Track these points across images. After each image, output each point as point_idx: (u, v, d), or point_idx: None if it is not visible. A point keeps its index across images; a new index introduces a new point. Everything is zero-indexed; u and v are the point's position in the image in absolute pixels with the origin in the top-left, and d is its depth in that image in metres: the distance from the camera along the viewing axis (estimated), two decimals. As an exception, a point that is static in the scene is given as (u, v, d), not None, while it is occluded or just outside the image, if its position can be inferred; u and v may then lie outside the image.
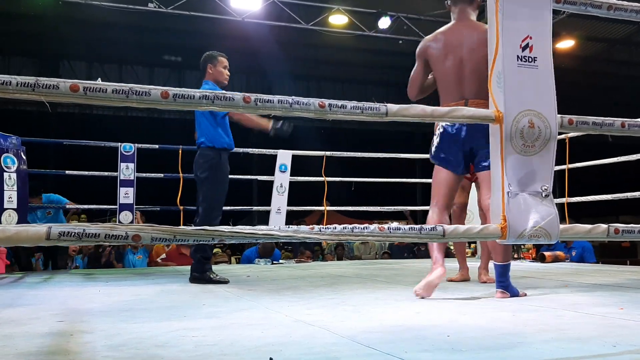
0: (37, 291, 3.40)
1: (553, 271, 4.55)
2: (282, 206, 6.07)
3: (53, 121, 14.43)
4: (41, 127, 12.31)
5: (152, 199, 6.21)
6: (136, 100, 1.23)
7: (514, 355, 1.50)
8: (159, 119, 15.75)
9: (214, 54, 4.00)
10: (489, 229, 1.55)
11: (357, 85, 15.32)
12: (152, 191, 6.92)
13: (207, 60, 3.95)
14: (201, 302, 2.74)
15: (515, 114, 1.62)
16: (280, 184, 6.15)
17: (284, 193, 6.14)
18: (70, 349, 1.64)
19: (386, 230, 1.40)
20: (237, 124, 4.03)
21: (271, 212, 6.07)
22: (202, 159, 3.89)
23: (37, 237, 1.13)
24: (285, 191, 6.15)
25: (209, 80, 3.90)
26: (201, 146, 3.89)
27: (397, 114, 1.46)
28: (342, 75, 14.84)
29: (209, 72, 3.92)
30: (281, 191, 6.13)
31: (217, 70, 3.92)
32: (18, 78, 1.16)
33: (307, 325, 1.97)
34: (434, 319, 2.09)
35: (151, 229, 1.19)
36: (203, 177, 3.87)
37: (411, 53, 3.36)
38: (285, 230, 1.33)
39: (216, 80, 3.88)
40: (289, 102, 1.36)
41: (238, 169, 7.81)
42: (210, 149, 3.85)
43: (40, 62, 13.36)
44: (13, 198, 4.92)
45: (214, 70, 3.90)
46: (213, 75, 3.91)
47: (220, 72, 3.92)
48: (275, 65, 13.28)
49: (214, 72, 3.91)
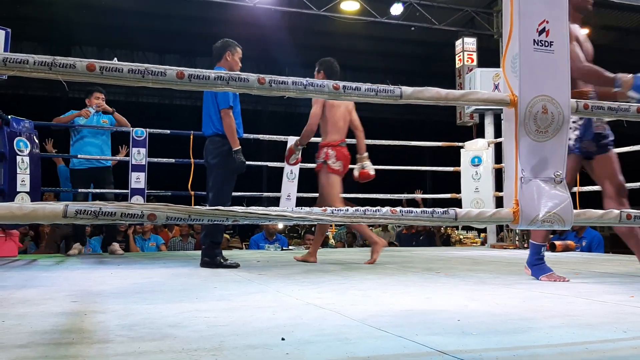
0: (49, 273, 3.43)
1: (563, 260, 4.54)
2: (292, 193, 6.08)
3: (64, 106, 14.50)
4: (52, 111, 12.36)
5: (163, 184, 6.25)
6: (152, 80, 1.24)
7: (524, 339, 1.50)
8: (170, 105, 15.80)
9: (233, 42, 4.01)
10: (501, 213, 1.55)
11: (368, 74, 15.25)
12: (163, 176, 6.97)
13: (226, 47, 3.96)
14: (212, 285, 2.76)
15: (530, 99, 1.61)
16: (290, 170, 6.15)
17: (294, 180, 6.15)
18: (85, 327, 1.66)
19: (398, 212, 1.41)
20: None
21: (281, 199, 6.09)
22: (212, 145, 3.94)
23: (54, 215, 1.14)
24: (296, 178, 6.16)
25: (224, 67, 3.90)
26: (211, 133, 3.93)
27: (411, 96, 1.46)
28: (353, 62, 14.77)
29: (225, 59, 3.94)
30: (291, 177, 6.14)
31: (234, 60, 3.95)
32: (35, 57, 1.17)
33: (318, 308, 1.98)
34: (444, 304, 2.09)
35: (167, 209, 1.20)
36: (213, 163, 3.92)
37: (423, 41, 3.35)
38: (298, 211, 1.34)
39: (230, 68, 3.88)
40: (303, 84, 1.36)
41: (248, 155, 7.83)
42: (220, 135, 3.88)
43: (52, 47, 13.40)
44: (26, 181, 4.96)
45: (231, 58, 3.93)
46: (229, 64, 3.92)
47: (236, 62, 3.95)
48: (285, 53, 13.26)
49: (231, 61, 3.93)
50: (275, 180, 7.38)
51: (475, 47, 10.83)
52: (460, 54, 10.82)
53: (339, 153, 4.20)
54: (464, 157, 6.82)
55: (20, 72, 1.18)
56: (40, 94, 15.06)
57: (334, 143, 4.22)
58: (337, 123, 4.22)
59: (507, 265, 4.01)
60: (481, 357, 1.26)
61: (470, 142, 7.01)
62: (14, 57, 1.16)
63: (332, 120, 4.21)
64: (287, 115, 17.82)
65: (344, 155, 4.23)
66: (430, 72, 15.00)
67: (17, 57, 1.16)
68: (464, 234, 12.82)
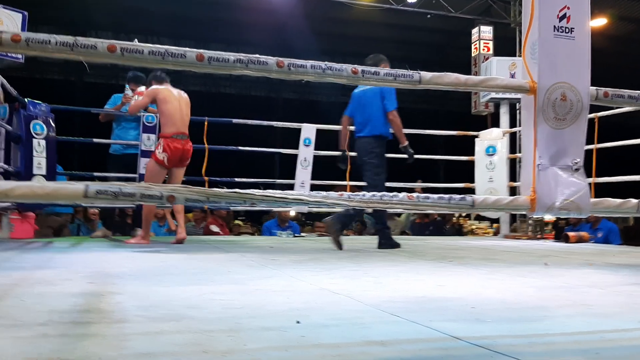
0: (66, 255, 3.48)
1: (577, 251, 4.52)
2: (306, 180, 6.10)
3: (79, 90, 14.59)
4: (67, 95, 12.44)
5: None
6: (172, 62, 1.25)
7: (538, 327, 1.50)
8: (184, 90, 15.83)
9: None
10: (518, 201, 1.55)
11: (383, 61, 15.17)
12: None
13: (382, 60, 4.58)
14: (226, 269, 2.79)
15: (549, 86, 1.60)
16: (304, 157, 6.16)
17: (307, 167, 6.15)
18: (103, 308, 1.68)
19: (415, 198, 1.41)
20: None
21: (295, 186, 6.10)
22: (369, 145, 4.50)
23: (75, 195, 1.16)
24: (310, 165, 6.17)
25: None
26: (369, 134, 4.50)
27: (430, 81, 1.45)
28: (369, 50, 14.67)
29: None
30: (305, 165, 6.15)
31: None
32: (57, 37, 1.18)
33: (332, 294, 2.00)
34: (458, 292, 2.10)
35: (186, 190, 1.22)
36: (371, 161, 4.47)
37: (439, 29, 3.34)
38: (314, 195, 1.35)
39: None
40: (322, 68, 1.36)
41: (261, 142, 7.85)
42: (376, 137, 4.49)
43: (68, 31, 13.45)
44: (42, 164, 5.01)
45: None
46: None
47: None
48: (301, 40, 13.22)
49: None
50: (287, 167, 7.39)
51: (492, 36, 10.74)
52: (476, 43, 10.73)
53: (168, 145, 4.54)
54: (479, 146, 6.78)
55: (43, 52, 1.19)
56: (56, 78, 15.16)
57: (166, 135, 4.57)
58: (172, 117, 4.58)
59: (521, 256, 4.00)
60: (496, 344, 1.26)
61: (485, 132, 6.97)
62: (36, 38, 1.17)
63: (166, 115, 4.59)
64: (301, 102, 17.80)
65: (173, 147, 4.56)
66: (445, 60, 14.89)
67: (39, 38, 1.17)
68: (476, 224, 12.77)
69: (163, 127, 4.66)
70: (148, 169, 4.65)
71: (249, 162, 14.28)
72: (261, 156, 9.28)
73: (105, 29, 13.79)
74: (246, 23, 12.03)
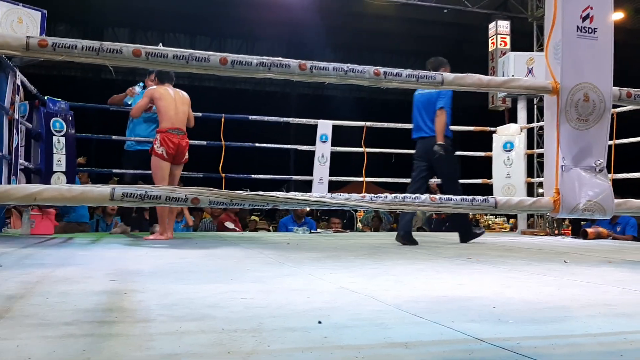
0: (86, 252, 3.52)
1: (596, 248, 4.48)
2: (324, 176, 6.11)
3: (96, 87, 14.71)
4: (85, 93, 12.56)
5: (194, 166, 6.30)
6: (195, 66, 1.25)
7: (562, 328, 1.49)
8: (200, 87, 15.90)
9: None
10: (541, 202, 1.54)
11: (398, 56, 15.13)
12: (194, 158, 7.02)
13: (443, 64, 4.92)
14: (245, 266, 2.80)
15: (572, 87, 1.58)
16: (321, 154, 6.17)
17: (325, 163, 6.17)
18: (126, 307, 1.70)
19: (437, 200, 1.41)
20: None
21: (313, 182, 6.12)
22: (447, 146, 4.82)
23: (102, 198, 1.17)
24: (327, 161, 6.18)
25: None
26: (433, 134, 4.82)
27: (452, 82, 1.45)
28: (383, 45, 14.67)
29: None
30: (322, 161, 6.16)
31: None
32: (84, 42, 1.19)
33: (352, 293, 2.00)
34: (479, 291, 2.09)
35: (210, 193, 1.23)
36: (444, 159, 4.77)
37: (455, 23, 3.34)
38: (337, 197, 1.35)
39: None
40: (344, 70, 1.36)
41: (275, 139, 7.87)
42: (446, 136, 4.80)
43: (86, 29, 13.58)
44: (62, 161, 5.07)
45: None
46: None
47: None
48: (315, 35, 13.22)
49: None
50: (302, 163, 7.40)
51: (509, 30, 10.64)
52: (493, 37, 10.65)
53: (164, 139, 4.75)
54: (496, 142, 6.74)
55: (69, 57, 1.20)
56: (73, 75, 15.30)
57: (162, 130, 4.79)
58: (166, 113, 4.81)
59: (539, 253, 3.98)
60: (519, 346, 1.26)
61: (502, 127, 6.93)
62: (62, 42, 1.18)
63: (161, 111, 4.83)
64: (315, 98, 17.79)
65: (169, 141, 4.77)
66: (462, 55, 14.81)
67: (65, 42, 1.19)
68: (492, 220, 12.70)
69: (159, 123, 4.88)
70: (152, 166, 4.82)
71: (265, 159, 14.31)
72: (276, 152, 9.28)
73: (122, 26, 13.89)
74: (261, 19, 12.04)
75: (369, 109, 14.81)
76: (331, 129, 6.34)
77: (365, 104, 15.96)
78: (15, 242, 4.07)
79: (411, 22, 13.03)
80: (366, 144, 6.61)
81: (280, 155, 14.48)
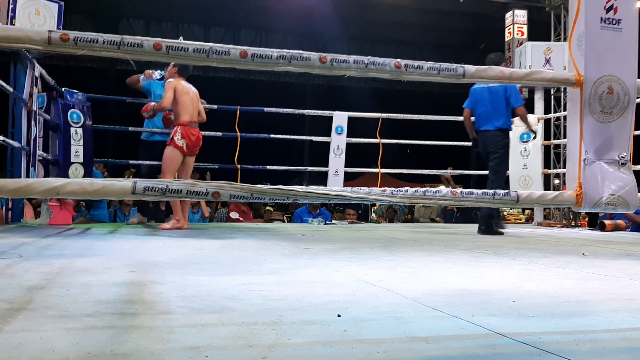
0: (104, 242, 3.55)
1: (614, 240, 4.44)
2: (340, 168, 6.11)
3: (112, 79, 14.78)
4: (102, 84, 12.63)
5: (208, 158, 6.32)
6: (216, 60, 1.25)
7: (584, 323, 1.48)
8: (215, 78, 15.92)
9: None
10: (563, 196, 1.52)
11: (413, 48, 15.02)
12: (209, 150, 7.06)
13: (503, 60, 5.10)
14: (262, 258, 2.81)
15: (595, 79, 1.56)
16: (337, 145, 6.16)
17: (341, 155, 6.16)
18: (146, 298, 1.71)
19: (459, 194, 1.39)
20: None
21: (329, 174, 6.12)
22: (496, 138, 5.09)
23: (123, 191, 1.18)
24: (342, 153, 6.17)
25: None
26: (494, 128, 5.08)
27: (474, 75, 1.43)
28: (398, 36, 14.57)
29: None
30: (338, 153, 6.15)
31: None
32: (104, 36, 1.19)
33: (369, 285, 2.00)
34: (497, 285, 2.08)
35: (230, 187, 1.23)
36: (498, 153, 5.03)
37: (471, 13, 3.31)
38: (357, 191, 1.34)
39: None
40: (365, 63, 1.35)
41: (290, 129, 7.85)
42: (502, 130, 5.09)
43: (101, 21, 13.63)
44: (79, 152, 5.11)
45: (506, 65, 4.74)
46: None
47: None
48: (329, 26, 13.16)
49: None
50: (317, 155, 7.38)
51: (526, 20, 10.51)
52: (510, 27, 10.53)
53: (186, 132, 4.87)
54: (513, 133, 6.68)
55: (90, 51, 1.21)
56: (89, 66, 15.39)
57: (183, 123, 4.88)
58: (187, 107, 4.91)
59: (557, 245, 3.95)
60: (542, 341, 1.25)
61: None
62: (84, 37, 1.19)
63: (183, 104, 4.90)
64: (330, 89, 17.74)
65: (190, 134, 4.91)
66: (478, 46, 14.66)
67: (87, 36, 1.19)
68: (507, 211, 12.62)
69: (178, 115, 4.93)
70: (167, 157, 4.86)
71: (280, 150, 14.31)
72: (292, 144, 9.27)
73: (137, 17, 13.93)
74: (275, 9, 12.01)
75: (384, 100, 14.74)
76: (346, 121, 6.32)
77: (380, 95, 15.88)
78: (34, 233, 4.11)
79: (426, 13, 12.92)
80: (381, 135, 6.59)
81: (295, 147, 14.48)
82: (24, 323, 1.36)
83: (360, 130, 6.87)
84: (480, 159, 5.40)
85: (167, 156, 4.86)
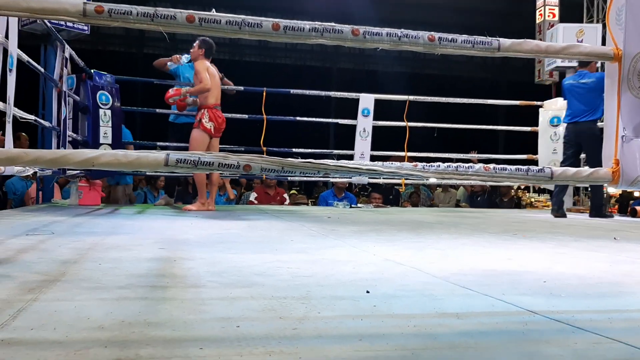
0: (133, 221, 3.60)
1: (646, 226, 4.35)
2: (366, 151, 6.08)
3: (140, 61, 14.92)
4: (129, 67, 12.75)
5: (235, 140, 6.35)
6: (248, 32, 1.25)
7: (617, 303, 1.46)
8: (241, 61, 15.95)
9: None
10: (599, 173, 1.49)
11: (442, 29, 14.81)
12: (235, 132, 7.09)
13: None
14: (289, 238, 2.82)
15: (635, 53, 1.51)
16: (363, 128, 6.13)
17: (367, 138, 6.12)
18: (176, 273, 1.73)
19: (492, 170, 1.37)
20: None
21: (354, 157, 6.10)
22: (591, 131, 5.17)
23: (156, 163, 1.19)
24: (369, 136, 6.13)
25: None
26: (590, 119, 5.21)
27: (509, 49, 1.40)
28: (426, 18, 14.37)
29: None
30: (364, 136, 6.12)
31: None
32: (138, 8, 1.20)
33: (398, 265, 1.99)
34: (528, 266, 2.05)
35: (261, 160, 1.23)
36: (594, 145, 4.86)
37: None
38: (388, 166, 1.33)
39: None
40: (398, 35, 1.33)
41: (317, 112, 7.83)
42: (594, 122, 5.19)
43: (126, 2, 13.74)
44: (108, 134, 5.18)
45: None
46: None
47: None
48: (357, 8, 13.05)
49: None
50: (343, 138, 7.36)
51: (558, 2, 10.29)
52: (541, 9, 10.32)
53: (214, 115, 4.91)
54: (543, 116, 6.57)
55: (124, 23, 1.21)
56: (117, 50, 15.54)
57: (210, 106, 4.91)
58: (214, 90, 4.94)
59: (587, 230, 3.89)
60: (574, 319, 1.23)
61: (549, 102, 6.74)
62: (118, 9, 1.19)
63: (213, 87, 4.89)
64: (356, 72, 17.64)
65: (218, 117, 4.96)
66: (508, 28, 14.40)
67: (121, 9, 1.19)
68: (535, 197, 12.45)
69: (204, 98, 4.92)
70: (194, 139, 4.88)
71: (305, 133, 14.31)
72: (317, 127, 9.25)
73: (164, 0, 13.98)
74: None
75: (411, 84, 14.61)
76: (373, 103, 6.28)
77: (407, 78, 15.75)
78: (65, 212, 4.19)
79: (456, -6, 12.74)
80: (408, 118, 6.53)
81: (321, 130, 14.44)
82: (58, 293, 1.38)
83: (386, 113, 6.82)
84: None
85: (195, 138, 4.89)
